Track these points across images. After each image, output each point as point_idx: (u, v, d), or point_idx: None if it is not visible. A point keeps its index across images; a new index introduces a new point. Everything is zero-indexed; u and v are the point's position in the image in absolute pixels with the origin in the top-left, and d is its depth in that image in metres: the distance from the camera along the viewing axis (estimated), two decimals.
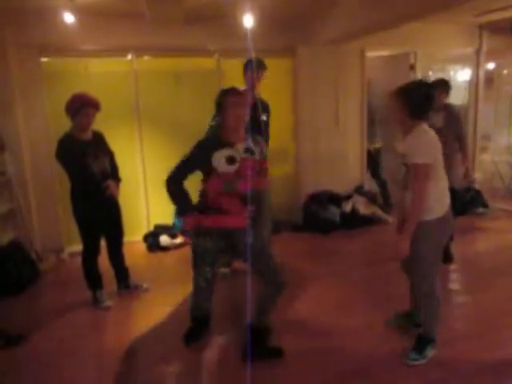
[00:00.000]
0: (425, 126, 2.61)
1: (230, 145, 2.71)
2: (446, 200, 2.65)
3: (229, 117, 2.68)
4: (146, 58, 5.23)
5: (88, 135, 3.46)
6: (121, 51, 5.03)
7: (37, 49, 4.66)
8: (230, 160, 2.68)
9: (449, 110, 4.22)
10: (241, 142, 2.74)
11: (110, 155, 3.65)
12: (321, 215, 5.51)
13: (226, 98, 2.68)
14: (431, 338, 2.76)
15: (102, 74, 5.05)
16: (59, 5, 4.00)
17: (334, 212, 5.56)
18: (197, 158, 2.74)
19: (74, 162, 3.34)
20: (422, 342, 2.76)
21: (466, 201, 5.94)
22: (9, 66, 4.50)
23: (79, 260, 3.65)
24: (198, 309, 3.06)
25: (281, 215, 5.84)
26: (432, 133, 2.62)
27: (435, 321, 2.76)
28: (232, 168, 2.68)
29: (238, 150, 2.71)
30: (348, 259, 4.64)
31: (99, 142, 3.56)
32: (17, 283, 3.99)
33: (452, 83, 4.39)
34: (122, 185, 3.73)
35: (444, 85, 4.20)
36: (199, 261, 2.91)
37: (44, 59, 4.80)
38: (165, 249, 4.99)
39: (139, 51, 5.10)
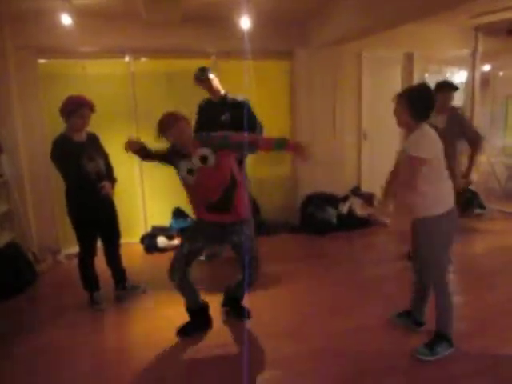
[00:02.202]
0: (427, 126, 2.66)
1: (187, 156, 2.90)
2: (448, 199, 2.70)
3: (171, 138, 2.86)
4: (143, 59, 5.24)
5: (82, 136, 3.46)
6: (118, 53, 5.04)
7: (34, 50, 4.67)
8: (190, 171, 2.90)
9: (453, 112, 4.10)
10: (194, 152, 2.89)
11: (105, 156, 3.65)
12: (318, 216, 5.52)
13: (162, 126, 2.86)
14: (444, 335, 2.77)
15: (100, 75, 5.06)
16: (57, 6, 4.00)
17: (330, 213, 5.57)
18: (171, 156, 2.95)
19: (69, 162, 3.33)
20: (434, 339, 2.78)
21: (462, 202, 5.95)
22: (6, 67, 4.50)
23: (76, 261, 3.65)
24: (180, 289, 3.10)
25: (278, 216, 5.85)
26: (433, 132, 2.66)
27: (448, 319, 2.78)
28: (192, 179, 2.91)
29: (195, 161, 2.89)
30: (345, 260, 4.65)
31: (94, 143, 3.56)
32: (14, 285, 3.98)
33: None
34: (120, 186, 3.73)
35: (450, 87, 4.07)
36: (184, 238, 3.09)
37: (41, 61, 4.80)
38: (162, 250, 4.99)
39: (136, 53, 5.11)
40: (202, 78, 4.05)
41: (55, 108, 3.44)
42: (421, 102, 2.62)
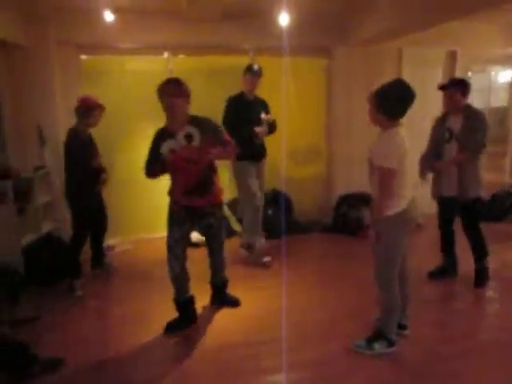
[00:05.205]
0: (397, 130, 2.62)
1: (173, 135, 2.94)
2: (399, 202, 2.64)
3: (163, 105, 2.91)
4: (181, 56, 5.29)
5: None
6: (157, 49, 5.13)
7: (77, 46, 4.81)
8: (172, 152, 2.91)
9: (469, 113, 3.66)
10: (181, 130, 2.94)
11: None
12: (351, 216, 5.45)
13: (159, 90, 2.90)
14: (382, 333, 2.80)
15: (138, 72, 5.16)
16: (100, 3, 4.10)
17: (365, 214, 5.48)
18: (154, 148, 3.02)
19: (86, 153, 3.76)
20: (373, 335, 2.82)
21: (504, 206, 5.77)
22: (50, 62, 4.65)
23: (115, 251, 3.75)
24: (177, 280, 3.17)
25: (311, 216, 5.81)
26: (400, 138, 2.61)
27: (389, 318, 2.79)
28: (173, 157, 2.94)
29: (179, 141, 2.94)
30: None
31: (94, 142, 3.98)
32: (54, 273, 4.12)
33: (492, 84, 4.15)
34: (155, 181, 3.81)
35: (458, 84, 3.69)
36: (168, 229, 3.14)
37: (83, 57, 4.94)
38: (195, 245, 5.03)
39: (175, 49, 5.18)
40: (261, 75, 4.31)
41: None
42: (388, 99, 2.59)
